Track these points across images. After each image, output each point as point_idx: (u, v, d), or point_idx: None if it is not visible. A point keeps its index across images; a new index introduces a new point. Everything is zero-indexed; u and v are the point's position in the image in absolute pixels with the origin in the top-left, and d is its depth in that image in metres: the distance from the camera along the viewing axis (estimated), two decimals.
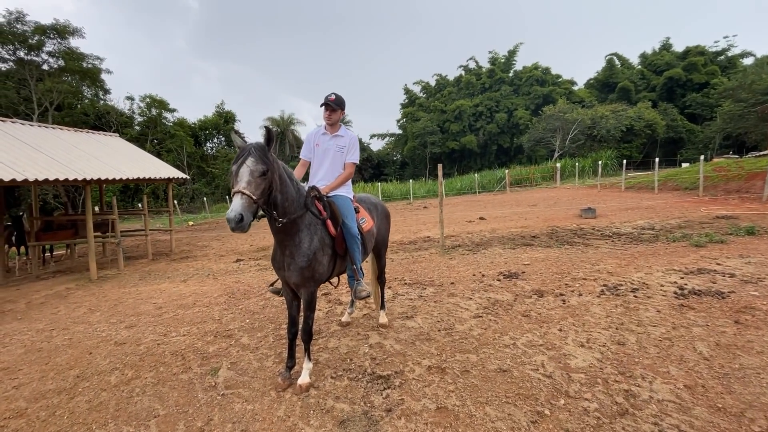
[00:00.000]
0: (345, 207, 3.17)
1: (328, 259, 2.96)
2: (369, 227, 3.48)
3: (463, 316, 4.23)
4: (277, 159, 2.61)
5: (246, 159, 2.35)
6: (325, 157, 3.33)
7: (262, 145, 2.42)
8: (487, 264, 6.46)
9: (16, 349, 4.34)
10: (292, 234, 2.75)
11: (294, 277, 2.80)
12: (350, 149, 3.35)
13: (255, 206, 2.32)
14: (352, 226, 3.11)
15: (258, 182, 2.33)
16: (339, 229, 3.05)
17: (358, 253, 3.15)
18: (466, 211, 15.81)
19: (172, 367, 3.50)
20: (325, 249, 2.91)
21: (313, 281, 2.86)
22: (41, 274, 8.73)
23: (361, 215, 3.40)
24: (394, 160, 52.15)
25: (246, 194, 2.26)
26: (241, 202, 2.24)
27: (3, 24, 24.30)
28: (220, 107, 41.57)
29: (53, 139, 8.37)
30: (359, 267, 3.21)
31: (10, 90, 25.16)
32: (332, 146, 3.31)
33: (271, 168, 2.39)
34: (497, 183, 28.59)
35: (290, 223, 2.70)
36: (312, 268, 2.80)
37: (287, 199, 2.65)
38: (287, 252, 2.78)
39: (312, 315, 2.97)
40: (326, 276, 3.06)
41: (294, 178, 2.83)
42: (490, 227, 10.56)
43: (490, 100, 43.79)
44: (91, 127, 28.40)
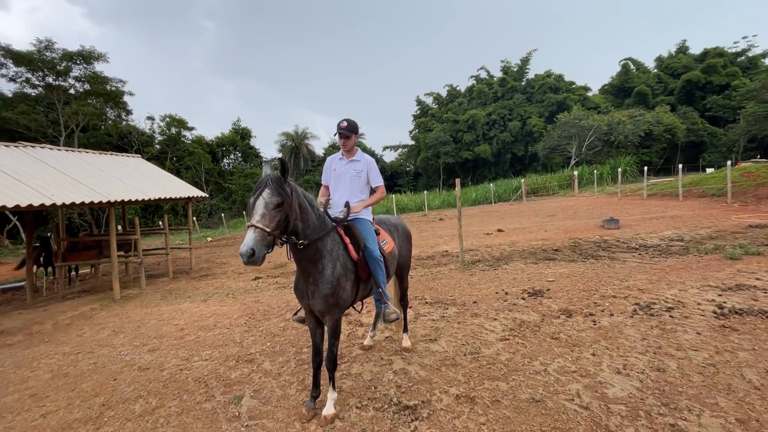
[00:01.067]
0: (366, 230, 3.14)
1: (351, 285, 2.92)
2: (390, 249, 3.43)
3: (489, 338, 4.09)
4: (296, 188, 2.61)
5: (263, 191, 2.36)
6: (340, 181, 3.34)
7: (278, 176, 2.42)
8: (509, 281, 6.30)
9: (44, 373, 4.40)
10: (315, 261, 2.73)
11: (318, 305, 2.76)
12: (370, 173, 3.35)
13: (269, 239, 2.31)
14: (374, 249, 3.08)
15: (273, 214, 2.33)
16: (361, 253, 3.02)
17: (382, 276, 3.12)
18: (482, 222, 15.60)
19: (196, 395, 3.47)
20: (348, 274, 2.87)
21: (338, 308, 2.83)
22: (67, 294, 8.93)
23: (381, 237, 3.36)
24: (408, 171, 52.21)
25: (259, 228, 2.25)
26: (253, 236, 2.23)
27: (33, 52, 25.57)
28: (237, 124, 42.60)
29: (79, 163, 8.65)
30: (385, 290, 3.17)
31: (39, 114, 26.33)
32: (349, 170, 3.32)
33: (286, 199, 2.38)
34: (513, 192, 28.21)
35: (312, 250, 2.68)
36: (336, 294, 2.76)
37: (308, 227, 2.65)
38: (310, 280, 2.76)
39: (337, 342, 2.92)
40: (350, 302, 3.02)
41: (315, 205, 2.82)
42: (509, 240, 10.35)
43: (503, 108, 43.61)
44: (114, 146, 29.44)
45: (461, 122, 43.56)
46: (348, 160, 3.33)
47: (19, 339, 5.87)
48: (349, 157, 3.34)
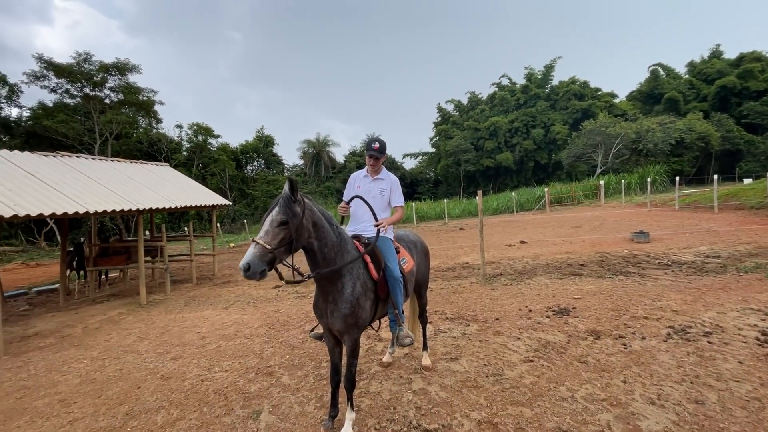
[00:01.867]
0: (387, 249, 3.11)
1: (370, 304, 2.89)
2: (410, 267, 3.39)
3: (512, 359, 3.95)
4: (312, 206, 2.61)
5: (273, 209, 2.41)
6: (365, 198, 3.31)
7: (287, 195, 2.43)
8: (533, 297, 6.11)
9: (72, 378, 4.54)
10: (334, 280, 2.71)
11: (337, 325, 2.74)
12: (393, 192, 3.33)
13: (270, 255, 2.30)
14: (395, 268, 3.04)
15: (276, 232, 2.35)
16: (381, 272, 2.99)
17: (401, 296, 3.08)
18: (504, 233, 15.30)
19: (215, 407, 3.49)
20: (367, 293, 2.85)
21: (357, 328, 2.80)
22: (97, 298, 9.27)
23: (401, 255, 3.32)
24: (427, 179, 51.97)
25: (259, 244, 2.28)
26: (252, 252, 2.26)
27: (73, 64, 27.03)
28: (260, 132, 43.64)
29: (111, 171, 9.02)
30: (401, 311, 3.12)
31: (76, 123, 27.77)
32: (373, 189, 3.30)
33: (291, 219, 2.37)
34: (536, 202, 27.61)
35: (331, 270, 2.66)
36: (355, 314, 2.74)
37: (326, 245, 2.63)
38: (330, 298, 2.74)
39: (355, 362, 2.89)
40: (369, 321, 2.98)
41: (335, 223, 2.79)
42: (532, 252, 10.09)
43: (525, 115, 42.94)
44: (145, 153, 30.66)
45: (482, 129, 43.14)
46: (373, 178, 3.32)
47: (51, 342, 6.11)
48: (374, 175, 3.33)
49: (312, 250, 2.59)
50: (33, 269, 16.85)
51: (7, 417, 3.70)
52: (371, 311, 2.93)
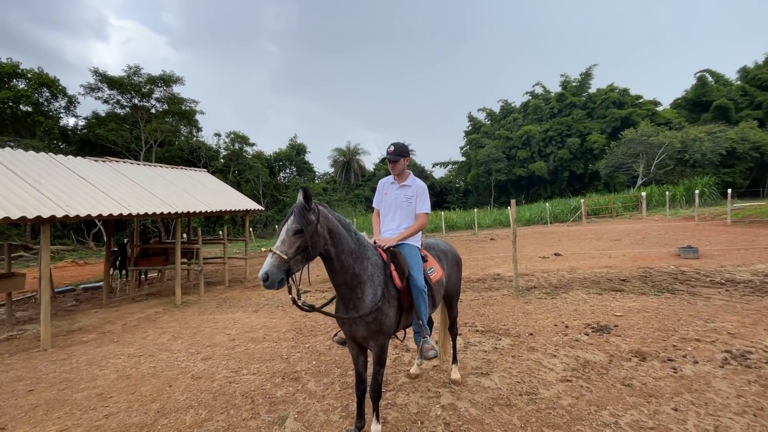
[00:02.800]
0: (411, 257, 3.00)
1: (395, 312, 2.81)
2: (438, 277, 3.27)
3: (548, 378, 3.72)
4: (327, 213, 2.59)
5: (288, 218, 2.42)
6: (391, 207, 3.26)
7: (301, 204, 2.42)
8: (570, 312, 5.79)
9: (110, 373, 4.71)
10: (353, 287, 2.65)
11: (360, 331, 2.69)
12: (419, 199, 3.21)
13: (287, 265, 2.31)
14: (419, 278, 2.93)
15: (291, 241, 2.36)
16: (405, 281, 2.88)
17: (425, 308, 2.95)
18: (538, 245, 14.76)
19: (242, 410, 3.49)
20: (391, 301, 2.77)
21: (382, 334, 2.72)
22: (136, 296, 9.70)
23: (429, 264, 3.22)
24: (457, 188, 51.36)
25: (276, 253, 2.30)
26: (270, 261, 2.28)
27: (124, 77, 28.97)
28: (293, 140, 44.78)
29: (154, 176, 9.49)
30: (426, 322, 2.99)
31: (125, 131, 29.61)
32: (400, 196, 3.22)
33: (306, 227, 2.38)
34: (571, 213, 26.54)
35: (350, 276, 2.62)
36: (379, 320, 2.67)
37: (343, 252, 2.59)
38: (350, 305, 2.68)
39: (382, 370, 2.80)
40: (394, 329, 2.88)
41: (352, 229, 2.74)
42: (568, 265, 9.64)
43: (560, 124, 41.66)
44: (185, 160, 32.17)
45: (515, 138, 42.22)
46: (399, 185, 3.24)
47: (93, 337, 6.41)
48: (401, 182, 3.25)
49: (329, 257, 2.56)
50: (81, 267, 17.96)
51: (50, 407, 3.87)
52: (395, 319, 2.84)
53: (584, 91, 44.49)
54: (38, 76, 25.78)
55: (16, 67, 25.12)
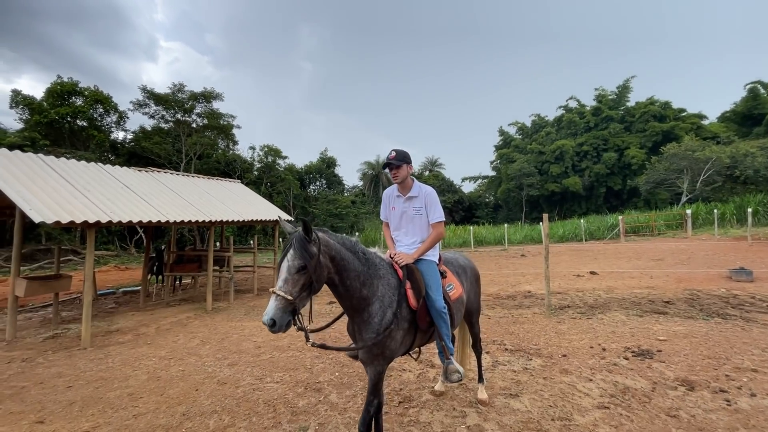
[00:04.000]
0: (429, 274, 2.79)
1: (403, 334, 2.58)
2: (458, 295, 3.05)
3: (583, 403, 3.48)
4: (329, 240, 2.41)
5: (287, 252, 2.23)
6: (402, 221, 3.04)
7: (301, 236, 2.24)
8: (607, 334, 5.44)
9: (142, 374, 4.86)
10: (360, 309, 2.49)
11: (362, 354, 2.53)
12: (430, 208, 2.94)
13: (292, 306, 2.14)
14: (438, 298, 2.71)
15: (295, 279, 2.18)
16: (422, 300, 2.68)
17: (447, 329, 2.74)
18: (572, 262, 14.13)
19: (264, 418, 3.48)
20: (401, 323, 2.54)
21: (383, 358, 2.50)
22: (171, 301, 10.06)
23: (448, 281, 3.00)
24: (487, 203, 50.50)
25: (280, 295, 2.12)
26: (274, 305, 2.11)
27: (169, 94, 30.88)
28: (324, 153, 45.80)
29: (190, 186, 9.93)
30: (448, 343, 2.78)
31: (168, 144, 31.41)
32: (409, 209, 2.99)
33: (309, 262, 2.20)
34: (608, 230, 25.35)
35: (357, 299, 2.46)
36: (383, 344, 2.46)
37: (349, 277, 2.42)
38: (356, 328, 2.55)
39: (374, 401, 2.52)
40: (400, 352, 2.67)
41: (359, 249, 2.56)
42: (605, 285, 9.13)
43: (596, 138, 40.29)
44: (221, 172, 33.58)
45: (548, 153, 41.18)
46: (405, 198, 3.00)
47: (128, 338, 6.67)
48: (406, 193, 3.00)
49: (334, 284, 2.42)
50: (123, 272, 18.94)
51: (85, 404, 4.02)
52: (404, 341, 2.62)
53: (622, 104, 42.98)
54: (94, 93, 27.92)
55: (76, 85, 27.38)
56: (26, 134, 24.07)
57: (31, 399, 4.23)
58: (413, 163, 3.11)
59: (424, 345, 2.98)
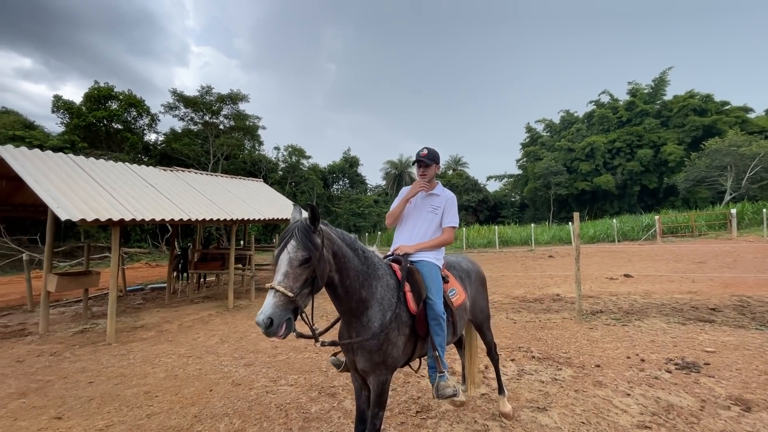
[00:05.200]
0: (430, 277, 2.57)
1: (405, 340, 2.38)
2: (461, 301, 2.83)
3: (621, 421, 3.14)
4: (331, 233, 2.20)
5: (287, 243, 1.98)
6: (413, 215, 2.86)
7: (305, 225, 2.00)
8: (646, 343, 5.01)
9: (160, 372, 4.86)
10: (358, 313, 2.27)
11: (362, 362, 2.28)
12: (447, 211, 2.80)
13: (293, 304, 1.90)
14: (437, 302, 2.50)
15: (297, 273, 1.93)
16: (422, 304, 2.47)
17: (442, 337, 2.49)
18: (604, 264, 13.43)
19: (275, 424, 3.35)
20: (401, 328, 2.35)
21: (385, 367, 2.29)
22: (195, 298, 10.23)
23: (450, 286, 2.79)
24: (513, 202, 49.27)
25: (279, 290, 1.86)
26: (272, 302, 1.85)
27: (198, 97, 31.81)
28: (347, 153, 46.04)
29: (214, 185, 10.07)
30: (442, 355, 2.50)
31: (197, 145, 32.38)
32: (425, 206, 2.83)
33: (314, 254, 1.97)
34: (643, 231, 24.07)
35: (355, 302, 2.25)
36: (384, 351, 2.25)
37: (348, 276, 2.21)
38: (353, 334, 2.30)
39: (381, 413, 2.31)
40: (403, 360, 2.46)
41: (358, 246, 2.36)
42: (641, 289, 8.55)
43: (630, 134, 38.41)
44: (247, 172, 34.29)
45: (578, 150, 39.64)
46: (426, 193, 2.85)
47: (151, 335, 6.76)
48: (428, 189, 2.85)
49: (332, 284, 2.19)
50: (153, 269, 19.61)
51: (103, 401, 4.03)
52: (406, 349, 2.42)
53: (658, 98, 40.83)
54: (128, 97, 29.12)
55: (111, 90, 28.63)
56: (67, 137, 25.40)
57: (54, 394, 4.29)
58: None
59: (424, 356, 2.69)
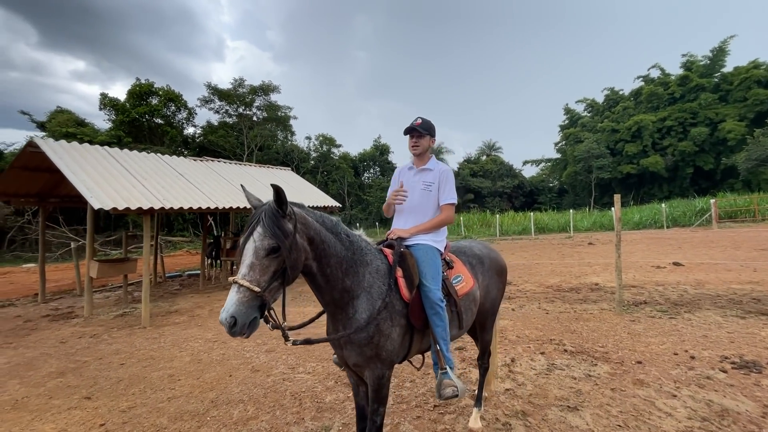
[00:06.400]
0: (426, 261, 2.27)
1: (400, 332, 2.11)
2: (467, 289, 2.47)
3: (664, 426, 2.79)
4: (306, 216, 1.94)
5: (253, 230, 1.74)
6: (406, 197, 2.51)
7: (273, 209, 1.75)
8: (696, 338, 4.50)
9: (186, 356, 4.98)
10: (343, 304, 2.02)
11: (353, 357, 2.05)
12: (442, 186, 2.46)
13: (259, 299, 1.66)
14: (433, 288, 2.19)
15: (265, 264, 1.69)
16: (415, 291, 2.18)
17: (443, 327, 2.18)
18: (650, 251, 12.47)
19: (288, 413, 3.29)
20: (394, 318, 2.09)
21: (379, 361, 2.04)
22: (227, 284, 10.53)
23: (456, 272, 2.48)
24: (550, 187, 47.21)
25: (244, 285, 1.63)
26: (236, 299, 1.62)
27: (231, 89, 32.64)
28: (377, 141, 45.77)
29: (241, 173, 10.24)
30: (445, 350, 2.19)
31: (232, 137, 33.38)
32: (417, 183, 2.49)
33: (283, 243, 1.72)
34: (696, 216, 22.22)
35: (338, 292, 2.01)
36: (376, 343, 2.00)
37: (329, 264, 1.96)
38: (340, 327, 2.05)
39: (382, 409, 2.08)
40: (400, 354, 2.19)
41: (341, 230, 2.10)
42: (692, 278, 7.80)
43: (682, 112, 35.40)
44: (280, 162, 34.98)
45: (623, 130, 37.14)
46: (418, 169, 2.53)
47: (183, 319, 7.00)
48: (420, 165, 2.54)
49: (311, 273, 1.95)
50: (193, 256, 20.57)
51: (131, 383, 4.16)
52: (403, 342, 2.15)
53: (716, 70, 37.27)
54: (167, 92, 30.37)
55: (152, 86, 29.96)
56: (113, 132, 26.94)
57: (89, 374, 4.49)
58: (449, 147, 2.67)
59: (425, 351, 2.43)
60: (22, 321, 7.26)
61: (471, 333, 3.06)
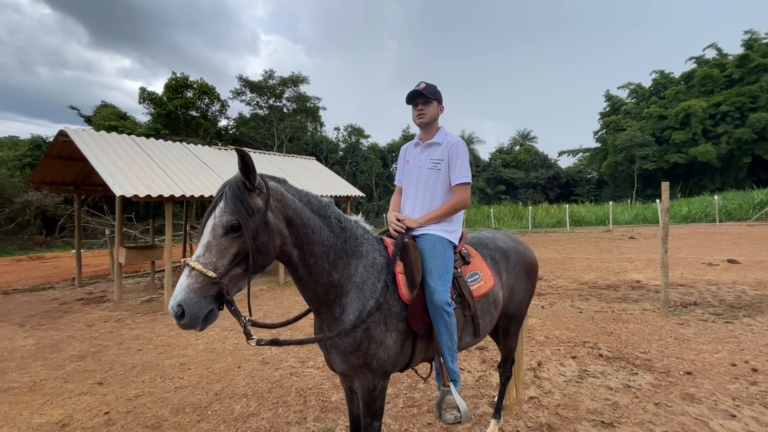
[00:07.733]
0: (433, 255, 1.90)
1: (396, 339, 1.77)
2: (486, 290, 2.08)
3: None
4: (284, 193, 1.64)
5: (215, 206, 1.47)
6: (412, 177, 2.18)
7: (238, 182, 1.46)
8: (759, 347, 3.91)
9: (200, 344, 4.94)
10: (329, 302, 1.72)
11: (338, 364, 1.78)
12: (453, 163, 2.05)
13: (215, 287, 1.38)
14: (439, 289, 1.81)
15: (223, 245, 1.41)
16: (416, 291, 1.82)
17: (449, 338, 1.83)
18: (700, 247, 11.41)
19: (290, 411, 3.10)
20: (389, 321, 1.75)
21: (369, 371, 1.73)
22: None
23: (473, 268, 2.08)
24: (588, 179, 44.86)
25: (197, 269, 1.35)
26: (186, 284, 1.34)
27: (261, 81, 33.08)
28: (406, 131, 45.14)
29: (265, 162, 10.22)
30: (450, 361, 1.86)
31: (263, 129, 33.95)
32: (424, 162, 2.12)
33: (245, 220, 1.41)
34: (754, 209, 20.28)
35: (323, 287, 1.70)
36: (364, 351, 1.69)
37: (312, 253, 1.65)
38: (325, 328, 1.78)
39: (376, 424, 1.79)
40: (398, 364, 1.84)
41: (331, 214, 1.79)
42: (751, 277, 6.98)
43: (740, 96, 32.28)
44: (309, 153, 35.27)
45: (670, 117, 34.45)
46: (424, 145, 2.16)
47: None
48: (426, 139, 2.16)
49: (291, 263, 1.65)
50: None
51: (143, 370, 4.14)
52: (400, 349, 1.80)
53: None
54: (201, 85, 31.20)
55: (186, 79, 30.85)
56: (151, 125, 28.07)
57: (107, 359, 4.53)
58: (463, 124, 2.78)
59: (430, 360, 2.04)
60: (57, 303, 7.58)
61: (493, 335, 2.67)
